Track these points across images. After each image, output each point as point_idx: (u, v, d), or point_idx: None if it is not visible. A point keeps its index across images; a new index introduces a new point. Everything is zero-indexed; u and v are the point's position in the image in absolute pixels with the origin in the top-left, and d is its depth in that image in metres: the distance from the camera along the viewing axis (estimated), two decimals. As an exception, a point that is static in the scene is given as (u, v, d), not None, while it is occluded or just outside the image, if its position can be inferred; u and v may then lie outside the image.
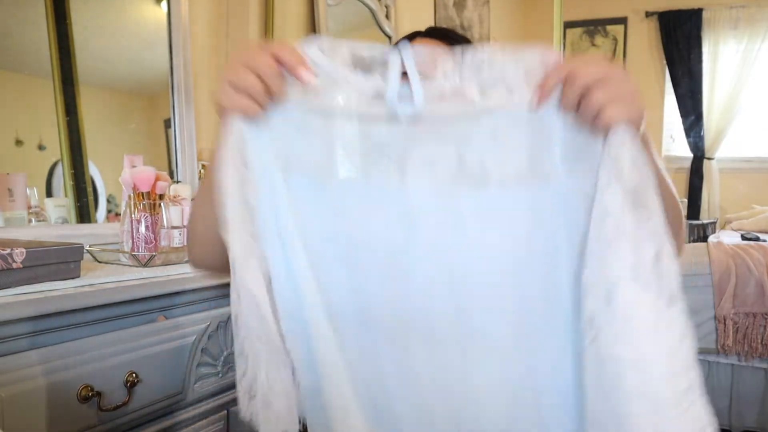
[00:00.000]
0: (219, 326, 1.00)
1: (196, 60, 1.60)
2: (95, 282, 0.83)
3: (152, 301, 0.88)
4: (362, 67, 0.50)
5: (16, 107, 1.20)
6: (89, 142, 1.29)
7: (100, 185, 1.34)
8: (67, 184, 1.26)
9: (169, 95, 1.48)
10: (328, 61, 0.49)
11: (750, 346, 2.36)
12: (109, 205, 1.36)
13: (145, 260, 0.98)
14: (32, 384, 0.71)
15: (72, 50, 1.26)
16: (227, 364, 1.02)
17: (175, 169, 1.49)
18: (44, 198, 1.23)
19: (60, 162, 1.25)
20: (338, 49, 0.50)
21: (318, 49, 0.49)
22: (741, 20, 4.05)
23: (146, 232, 1.00)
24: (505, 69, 0.47)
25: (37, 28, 1.21)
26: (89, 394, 0.76)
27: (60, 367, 0.74)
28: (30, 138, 1.22)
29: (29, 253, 0.76)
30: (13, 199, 1.14)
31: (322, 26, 2.03)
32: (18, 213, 1.15)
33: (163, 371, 0.88)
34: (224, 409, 1.03)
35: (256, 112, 0.49)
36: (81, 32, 1.28)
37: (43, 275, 0.79)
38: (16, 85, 1.20)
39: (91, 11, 1.33)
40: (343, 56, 0.49)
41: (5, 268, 0.73)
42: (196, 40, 1.60)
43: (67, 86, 1.26)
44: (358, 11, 2.34)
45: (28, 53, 1.22)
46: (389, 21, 2.51)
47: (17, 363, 0.70)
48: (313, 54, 0.49)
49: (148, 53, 1.49)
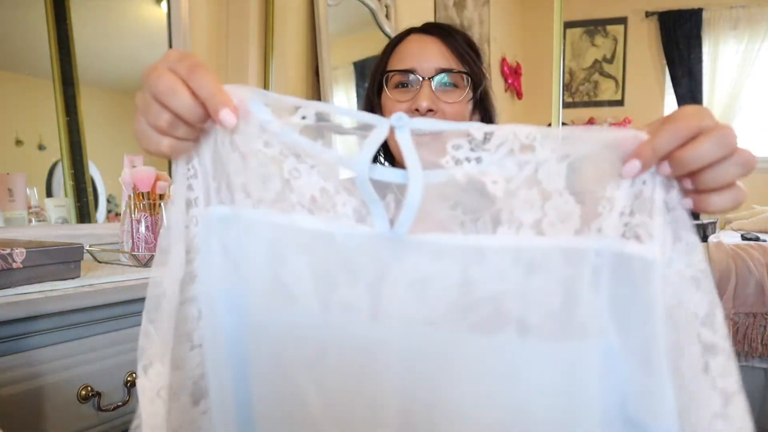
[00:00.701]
0: (219, 326, 1.00)
1: (196, 60, 1.60)
2: (95, 282, 0.83)
3: (152, 301, 0.88)
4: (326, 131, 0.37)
5: (16, 107, 1.20)
6: (89, 142, 1.29)
7: (100, 185, 1.34)
8: (67, 184, 1.26)
9: (169, 95, 1.48)
10: (279, 124, 0.37)
11: (750, 346, 2.36)
12: (109, 205, 1.36)
13: (145, 260, 0.98)
14: (32, 384, 0.71)
15: (72, 50, 1.26)
16: (227, 364, 1.02)
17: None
18: (44, 198, 1.23)
19: (60, 162, 1.25)
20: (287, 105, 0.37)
21: (263, 104, 0.38)
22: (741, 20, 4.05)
23: (146, 232, 1.00)
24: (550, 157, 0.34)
25: (37, 28, 1.21)
26: (89, 394, 0.76)
27: (60, 367, 0.74)
28: (30, 138, 1.21)
29: (29, 253, 0.76)
30: (13, 199, 1.14)
31: (322, 26, 2.03)
32: (18, 213, 1.15)
33: (163, 371, 0.88)
34: (224, 409, 1.03)
35: (183, 152, 0.40)
36: (81, 32, 1.28)
37: (43, 275, 0.79)
38: (16, 85, 1.20)
39: (91, 11, 1.33)
40: (297, 115, 0.36)
41: (5, 268, 0.73)
42: (196, 40, 1.60)
43: (67, 86, 1.26)
44: (358, 11, 2.34)
45: (28, 53, 1.22)
46: (389, 21, 2.51)
47: (17, 363, 0.70)
48: (258, 111, 0.37)
49: (148, 53, 1.49)
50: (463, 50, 0.83)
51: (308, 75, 2.10)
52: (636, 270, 0.33)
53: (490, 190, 0.34)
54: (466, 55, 0.83)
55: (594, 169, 0.34)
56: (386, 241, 0.36)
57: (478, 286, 0.35)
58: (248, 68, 1.74)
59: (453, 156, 0.35)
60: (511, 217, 0.34)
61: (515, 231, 0.34)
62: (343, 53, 2.26)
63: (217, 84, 0.37)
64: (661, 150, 0.34)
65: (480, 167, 0.35)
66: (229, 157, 0.39)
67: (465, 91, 0.83)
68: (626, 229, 0.34)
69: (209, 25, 1.69)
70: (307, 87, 2.10)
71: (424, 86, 0.80)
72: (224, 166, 0.40)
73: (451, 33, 0.85)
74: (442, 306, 0.36)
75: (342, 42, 2.24)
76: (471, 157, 0.35)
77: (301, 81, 2.06)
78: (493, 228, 0.35)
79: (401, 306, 0.36)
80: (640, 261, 0.33)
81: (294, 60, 2.01)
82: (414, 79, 0.82)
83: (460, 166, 0.35)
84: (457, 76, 0.82)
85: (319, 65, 2.05)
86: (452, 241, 0.35)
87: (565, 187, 0.34)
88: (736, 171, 0.35)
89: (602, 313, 0.34)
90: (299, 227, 0.38)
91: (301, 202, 0.37)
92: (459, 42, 0.84)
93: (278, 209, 0.38)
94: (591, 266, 0.34)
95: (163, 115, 0.37)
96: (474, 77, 0.83)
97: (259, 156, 0.37)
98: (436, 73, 0.81)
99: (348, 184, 0.37)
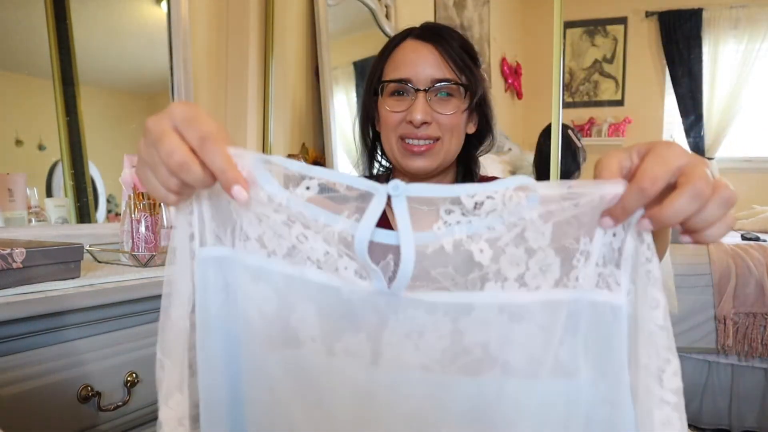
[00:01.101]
0: (219, 326, 1.00)
1: (196, 60, 1.60)
2: (95, 282, 0.83)
3: (152, 301, 0.88)
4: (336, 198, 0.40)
5: (16, 107, 1.20)
6: (89, 142, 1.30)
7: (100, 185, 1.34)
8: (67, 184, 1.26)
9: (169, 95, 1.48)
10: (285, 196, 0.39)
11: (750, 346, 2.36)
12: (109, 205, 1.36)
13: (145, 260, 0.98)
14: (32, 384, 0.71)
15: (72, 50, 1.26)
16: (227, 364, 1.02)
17: (175, 169, 1.49)
18: (44, 198, 1.23)
19: (60, 162, 1.25)
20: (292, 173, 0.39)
21: (270, 174, 0.40)
22: (741, 20, 4.05)
23: (146, 232, 1.00)
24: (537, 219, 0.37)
25: (37, 28, 1.21)
26: (89, 394, 0.76)
27: (60, 367, 0.74)
28: (30, 138, 1.22)
29: (29, 253, 0.76)
30: (13, 199, 1.14)
31: (322, 26, 2.03)
32: (18, 213, 1.15)
33: (163, 371, 0.88)
34: (224, 409, 1.03)
35: (179, 202, 0.42)
36: (81, 32, 1.28)
37: (43, 275, 0.79)
38: (16, 85, 1.20)
39: (91, 11, 1.33)
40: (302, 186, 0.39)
41: (5, 268, 0.73)
42: (196, 40, 1.60)
43: (67, 86, 1.26)
44: (358, 11, 2.34)
45: (28, 53, 1.22)
46: (389, 21, 2.51)
47: (17, 363, 0.70)
48: (265, 182, 0.40)
49: (148, 53, 1.49)
50: (459, 58, 0.82)
51: (308, 75, 2.10)
52: (607, 316, 0.38)
53: (477, 258, 0.38)
54: (463, 63, 0.82)
55: (575, 224, 0.38)
56: (385, 296, 0.40)
57: (466, 335, 0.39)
58: (248, 68, 1.74)
59: (445, 221, 0.38)
60: (497, 275, 0.39)
61: (501, 286, 0.39)
62: (343, 53, 2.26)
63: (228, 157, 0.38)
64: (630, 209, 0.36)
65: (471, 229, 0.38)
66: (240, 212, 0.42)
67: (461, 101, 0.83)
68: (599, 278, 0.38)
69: (209, 25, 1.69)
70: (307, 87, 2.10)
71: (419, 98, 0.80)
72: (233, 216, 0.43)
73: (447, 39, 0.83)
74: (435, 353, 0.40)
75: (342, 42, 2.24)
76: (462, 221, 0.38)
77: (301, 81, 2.06)
78: (481, 285, 0.39)
79: (399, 352, 0.41)
80: (610, 307, 0.38)
81: (294, 60, 2.01)
82: (409, 89, 0.82)
83: (452, 232, 0.38)
84: (453, 86, 0.82)
85: (319, 65, 2.05)
86: (444, 299, 0.39)
87: (548, 244, 0.38)
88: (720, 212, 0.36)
89: (578, 354, 0.39)
90: (308, 279, 0.41)
91: (310, 258, 0.41)
92: (455, 48, 0.83)
93: (289, 262, 0.42)
94: (568, 314, 0.39)
95: (173, 179, 0.39)
96: (470, 87, 0.83)
97: (270, 219, 0.41)
98: (431, 84, 0.81)
99: (349, 250, 0.40)
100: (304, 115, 2.09)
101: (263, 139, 1.80)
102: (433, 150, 0.82)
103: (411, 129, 0.81)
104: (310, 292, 0.41)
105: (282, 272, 0.42)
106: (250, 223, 0.42)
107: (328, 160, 2.07)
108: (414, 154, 0.82)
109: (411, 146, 0.82)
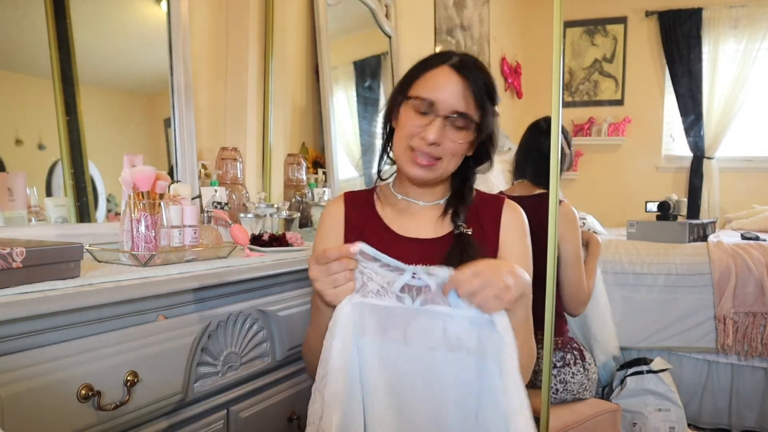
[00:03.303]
0: (219, 325, 1.00)
1: (196, 60, 1.60)
2: (95, 281, 0.83)
3: (152, 300, 0.88)
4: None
5: (16, 107, 1.20)
6: (89, 142, 1.30)
7: (100, 185, 1.34)
8: (67, 184, 1.26)
9: (168, 95, 1.48)
10: (372, 267, 0.78)
11: (750, 345, 2.36)
12: (109, 205, 1.36)
13: (144, 260, 0.98)
14: (32, 384, 0.71)
15: (72, 50, 1.27)
16: (227, 363, 1.02)
17: (174, 169, 1.49)
18: (44, 198, 1.23)
19: (60, 162, 1.25)
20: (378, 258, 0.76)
21: (363, 259, 0.77)
22: (741, 20, 4.05)
23: (146, 232, 1.00)
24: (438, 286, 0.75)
25: (37, 28, 1.21)
26: (89, 393, 0.76)
27: (60, 367, 0.74)
28: (30, 138, 1.22)
29: (29, 252, 0.76)
30: (12, 199, 1.14)
31: (322, 26, 2.03)
32: (18, 213, 1.15)
33: (163, 371, 0.88)
34: (224, 409, 1.03)
35: (350, 293, 0.77)
36: (81, 32, 1.28)
37: (43, 275, 0.79)
38: (16, 85, 1.20)
39: (91, 11, 1.33)
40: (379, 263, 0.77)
41: (5, 268, 0.73)
42: (196, 40, 1.60)
43: (67, 86, 1.26)
44: (358, 11, 2.34)
45: (28, 53, 1.22)
46: (389, 20, 2.51)
47: (17, 363, 0.70)
48: (366, 263, 0.77)
49: (148, 53, 1.49)
50: (481, 96, 0.94)
51: (308, 74, 2.10)
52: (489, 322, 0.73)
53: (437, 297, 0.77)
54: (483, 102, 0.94)
55: None
56: (411, 310, 0.77)
57: (450, 331, 0.75)
58: (248, 68, 1.74)
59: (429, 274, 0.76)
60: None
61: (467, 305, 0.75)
62: (343, 53, 2.26)
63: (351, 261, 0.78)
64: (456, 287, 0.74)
65: (437, 280, 0.75)
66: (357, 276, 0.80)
67: (470, 133, 0.95)
68: None
69: (209, 25, 1.70)
70: (307, 86, 2.10)
71: (437, 121, 0.92)
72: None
73: (476, 76, 0.94)
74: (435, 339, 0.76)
75: (342, 41, 2.24)
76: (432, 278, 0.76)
77: (301, 80, 2.06)
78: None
79: (417, 338, 0.77)
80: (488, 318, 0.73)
81: (294, 60, 2.01)
82: (431, 110, 0.93)
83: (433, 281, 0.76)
84: (468, 121, 0.93)
85: (319, 65, 2.05)
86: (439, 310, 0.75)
87: None
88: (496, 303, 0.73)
89: (487, 343, 0.74)
90: (371, 303, 0.78)
91: (372, 292, 0.78)
92: (480, 87, 0.94)
93: (362, 296, 0.79)
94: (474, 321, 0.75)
95: (338, 276, 0.77)
96: (482, 125, 0.95)
97: (363, 275, 0.79)
98: (451, 114, 0.93)
99: (391, 289, 0.78)
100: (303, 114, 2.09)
101: (263, 139, 1.80)
102: (434, 167, 0.96)
103: (422, 144, 0.93)
104: (372, 309, 0.78)
105: (363, 302, 0.78)
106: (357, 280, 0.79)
107: (328, 160, 2.07)
108: (417, 165, 0.95)
109: (417, 158, 0.95)
